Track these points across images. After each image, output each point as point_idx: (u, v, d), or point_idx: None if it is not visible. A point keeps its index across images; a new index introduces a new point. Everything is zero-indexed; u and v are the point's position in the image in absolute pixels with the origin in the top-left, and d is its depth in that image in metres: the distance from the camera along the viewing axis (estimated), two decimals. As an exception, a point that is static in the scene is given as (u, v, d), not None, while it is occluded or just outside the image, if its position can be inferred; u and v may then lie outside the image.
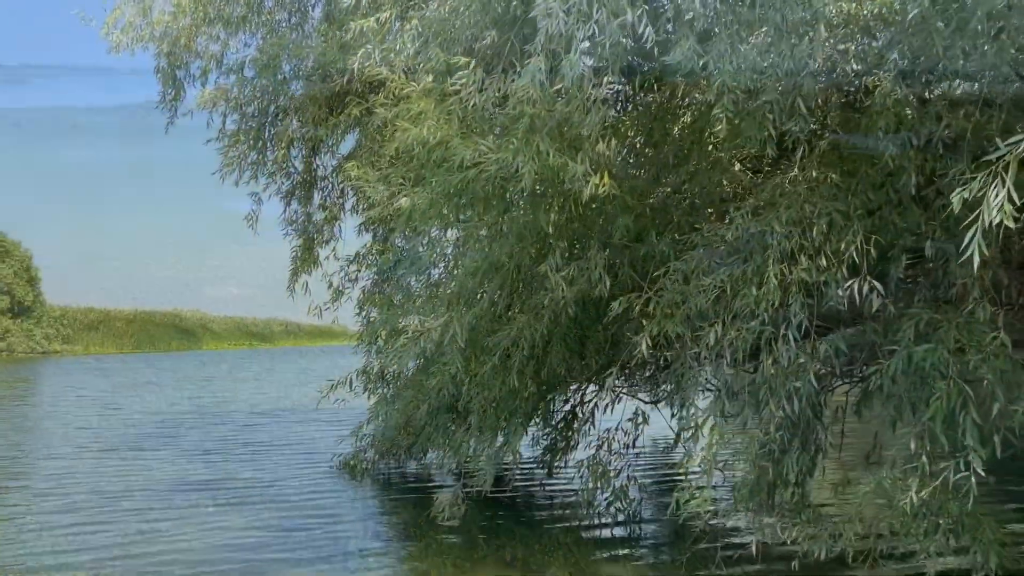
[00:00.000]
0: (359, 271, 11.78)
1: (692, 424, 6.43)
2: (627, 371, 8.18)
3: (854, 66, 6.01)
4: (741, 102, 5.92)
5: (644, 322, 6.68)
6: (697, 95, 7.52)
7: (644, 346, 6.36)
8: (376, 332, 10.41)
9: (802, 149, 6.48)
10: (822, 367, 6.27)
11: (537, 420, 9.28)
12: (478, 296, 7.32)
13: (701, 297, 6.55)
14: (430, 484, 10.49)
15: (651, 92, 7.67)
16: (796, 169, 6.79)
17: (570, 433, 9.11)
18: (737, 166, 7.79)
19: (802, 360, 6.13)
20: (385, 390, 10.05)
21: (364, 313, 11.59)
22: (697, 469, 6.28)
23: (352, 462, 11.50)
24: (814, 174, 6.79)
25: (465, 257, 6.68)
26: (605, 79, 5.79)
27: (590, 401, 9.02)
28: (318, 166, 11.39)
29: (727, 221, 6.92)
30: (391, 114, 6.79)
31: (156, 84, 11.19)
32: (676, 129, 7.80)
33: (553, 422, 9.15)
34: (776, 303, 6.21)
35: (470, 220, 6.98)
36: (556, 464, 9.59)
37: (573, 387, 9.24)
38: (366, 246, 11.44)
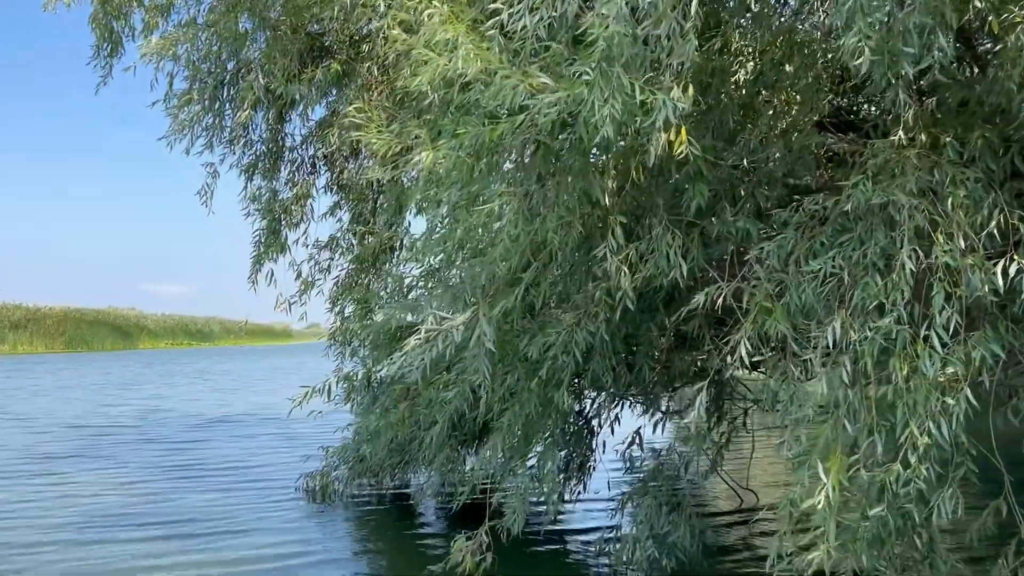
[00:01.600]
0: (332, 259, 10.10)
1: (799, 451, 4.95)
2: (685, 381, 6.70)
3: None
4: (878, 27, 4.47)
5: (724, 320, 5.21)
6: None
7: (743, 350, 4.85)
8: (358, 331, 8.77)
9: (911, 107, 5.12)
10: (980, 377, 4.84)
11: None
12: (511, 287, 5.75)
13: (806, 287, 5.11)
14: (425, 517, 8.86)
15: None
16: (913, 123, 5.38)
17: (586, 451, 7.55)
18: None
19: (952, 369, 4.69)
20: (369, 400, 8.37)
21: (338, 308, 9.90)
22: (804, 509, 4.79)
23: (323, 483, 9.81)
24: (923, 137, 5.40)
25: (499, 235, 5.11)
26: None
27: (608, 410, 7.48)
28: (286, 135, 9.66)
29: (820, 193, 5.45)
30: (401, 43, 5.17)
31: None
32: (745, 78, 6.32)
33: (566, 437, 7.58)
34: (908, 294, 4.82)
35: (507, 184, 5.38)
36: (572, 487, 8.03)
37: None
38: (342, 229, 9.76)
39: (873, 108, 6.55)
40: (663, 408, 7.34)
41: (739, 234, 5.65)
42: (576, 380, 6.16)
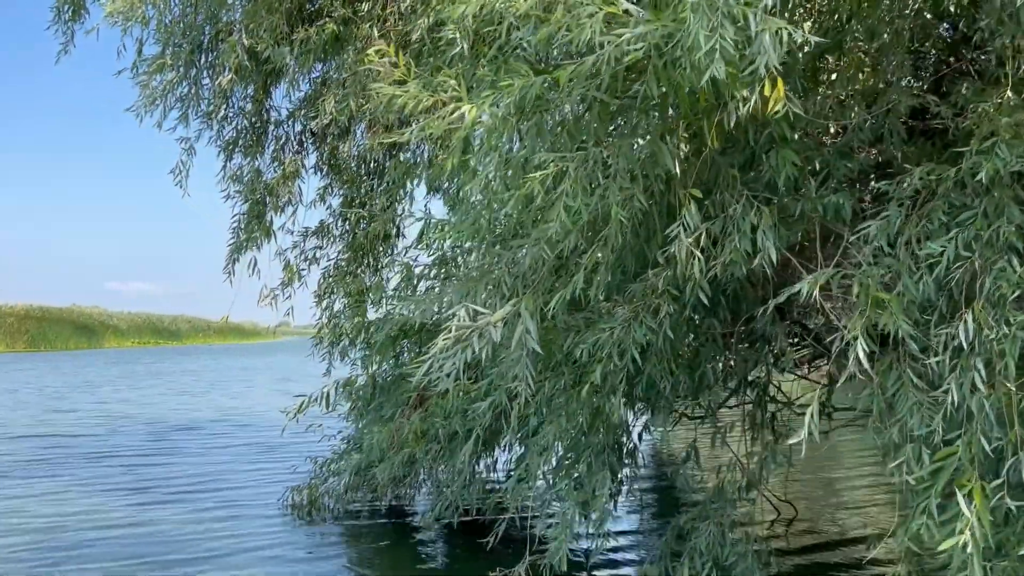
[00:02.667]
0: (320, 247, 9.07)
1: (923, 474, 4.04)
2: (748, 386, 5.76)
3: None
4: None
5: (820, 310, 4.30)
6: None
7: (861, 349, 3.92)
8: (349, 329, 7.75)
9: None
10: None
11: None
12: (557, 274, 4.79)
13: (924, 274, 4.23)
14: (426, 535, 7.85)
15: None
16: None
17: (633, 469, 6.58)
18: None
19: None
20: (375, 409, 7.35)
21: (326, 304, 8.88)
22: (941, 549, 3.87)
23: (312, 498, 8.77)
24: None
25: (552, 210, 4.13)
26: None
27: (665, 421, 6.53)
28: (271, 107, 8.60)
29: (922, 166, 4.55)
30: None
31: None
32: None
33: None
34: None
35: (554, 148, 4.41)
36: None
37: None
38: (333, 214, 8.72)
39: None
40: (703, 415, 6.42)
41: (829, 211, 4.73)
42: (629, 387, 5.19)
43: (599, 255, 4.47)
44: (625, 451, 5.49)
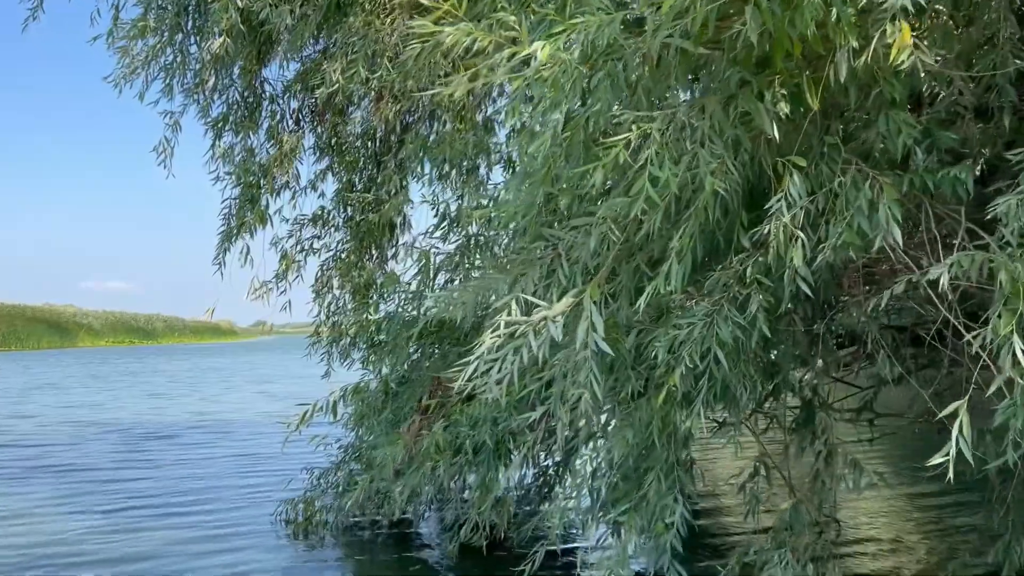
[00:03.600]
0: (318, 236, 8.24)
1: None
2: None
3: None
4: None
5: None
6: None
7: (1019, 349, 3.17)
8: (358, 327, 6.94)
9: None
10: None
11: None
12: (629, 259, 4.01)
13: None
14: (434, 554, 7.03)
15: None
16: None
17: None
18: None
19: None
20: (388, 418, 6.52)
21: (330, 299, 8.05)
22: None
23: (308, 513, 7.94)
24: None
25: (637, 179, 3.34)
26: None
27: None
28: (265, 79, 7.75)
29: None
30: None
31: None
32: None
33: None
34: None
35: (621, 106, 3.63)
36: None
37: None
38: (335, 198, 7.89)
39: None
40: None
41: (946, 186, 3.97)
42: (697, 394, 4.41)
43: (678, 238, 3.67)
44: (687, 468, 4.70)
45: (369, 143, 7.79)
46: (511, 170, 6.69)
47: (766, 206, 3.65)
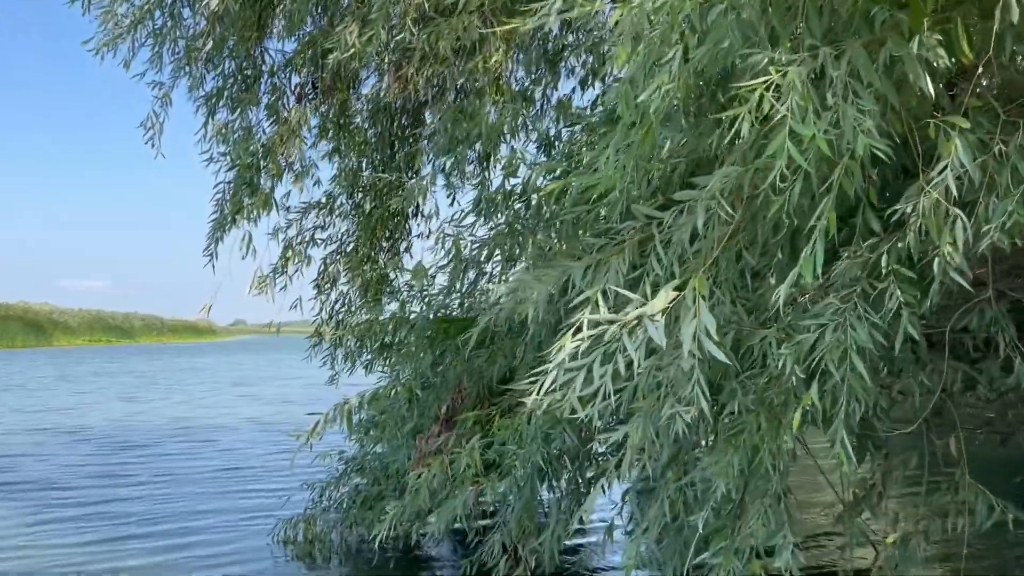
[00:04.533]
0: (322, 226, 7.44)
1: None
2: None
3: None
4: None
5: None
6: None
7: None
8: (370, 327, 6.16)
9: None
10: None
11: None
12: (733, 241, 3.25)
13: None
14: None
15: None
16: None
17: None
18: None
19: None
20: (408, 431, 5.72)
21: (336, 295, 7.27)
22: None
23: (308, 533, 7.15)
24: None
25: (775, 134, 2.60)
26: None
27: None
28: (265, 49, 6.92)
29: None
30: None
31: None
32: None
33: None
34: None
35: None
36: None
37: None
38: (343, 179, 7.08)
39: None
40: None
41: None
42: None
43: (817, 216, 2.91)
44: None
45: (384, 121, 6.98)
46: (546, 149, 5.93)
47: (922, 177, 2.90)
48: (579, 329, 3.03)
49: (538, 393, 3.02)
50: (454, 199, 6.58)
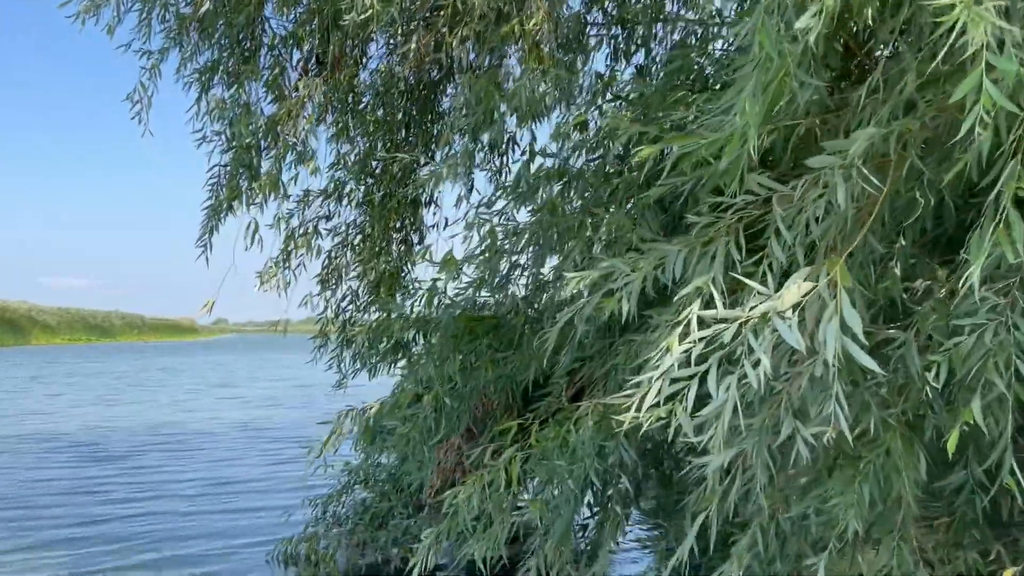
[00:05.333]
0: (327, 216, 6.79)
1: None
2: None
3: None
4: None
5: None
6: None
7: None
8: (384, 325, 5.54)
9: None
10: None
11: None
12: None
13: None
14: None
15: None
16: None
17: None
18: None
19: None
20: (431, 440, 5.06)
21: (344, 291, 6.63)
22: None
23: (310, 552, 6.51)
24: None
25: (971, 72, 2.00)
26: None
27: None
28: (265, 19, 6.25)
29: None
30: None
31: None
32: None
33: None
34: None
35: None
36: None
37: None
38: (349, 159, 6.43)
39: None
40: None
41: None
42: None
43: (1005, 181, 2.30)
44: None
45: (397, 98, 6.33)
46: (580, 130, 5.30)
47: None
48: (686, 328, 2.41)
49: (635, 407, 2.40)
50: (472, 187, 6.00)
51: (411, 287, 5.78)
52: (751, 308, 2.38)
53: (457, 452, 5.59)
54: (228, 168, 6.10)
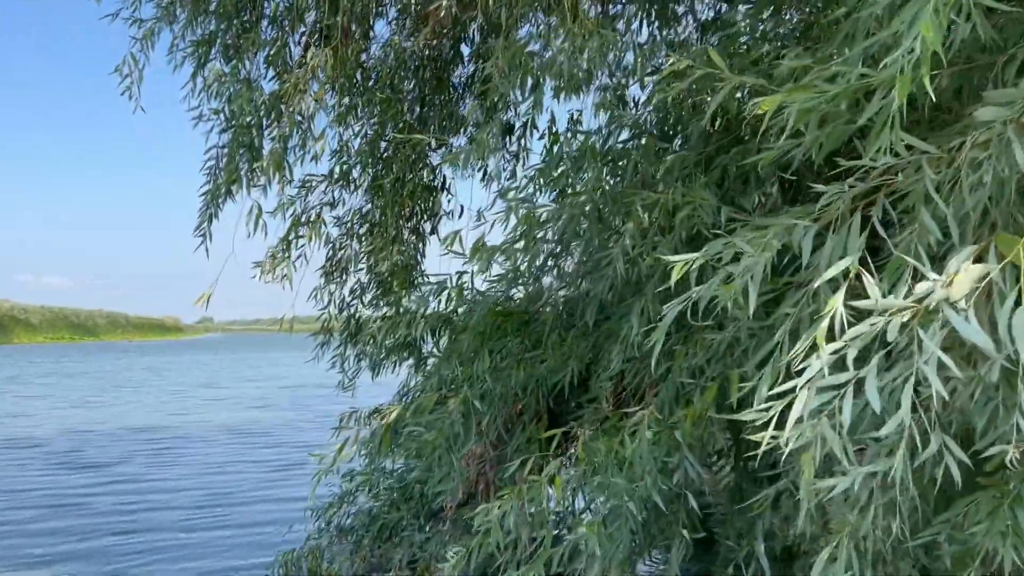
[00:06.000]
0: (330, 202, 6.27)
1: None
2: None
3: None
4: None
5: None
6: None
7: None
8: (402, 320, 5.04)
9: None
10: None
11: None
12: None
13: None
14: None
15: None
16: None
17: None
18: None
19: None
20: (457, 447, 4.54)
21: (346, 285, 6.12)
22: None
23: (313, 565, 6.01)
24: None
25: None
26: None
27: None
28: (269, -12, 5.71)
29: None
30: None
31: None
32: None
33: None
34: None
35: None
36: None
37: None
38: (360, 141, 5.91)
39: None
40: None
41: None
42: None
43: None
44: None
45: (412, 73, 5.81)
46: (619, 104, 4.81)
47: None
48: (826, 322, 1.92)
49: (764, 421, 1.90)
50: (485, 173, 5.51)
51: (424, 280, 5.29)
52: (914, 297, 1.89)
53: (479, 461, 5.10)
54: (227, 150, 5.58)
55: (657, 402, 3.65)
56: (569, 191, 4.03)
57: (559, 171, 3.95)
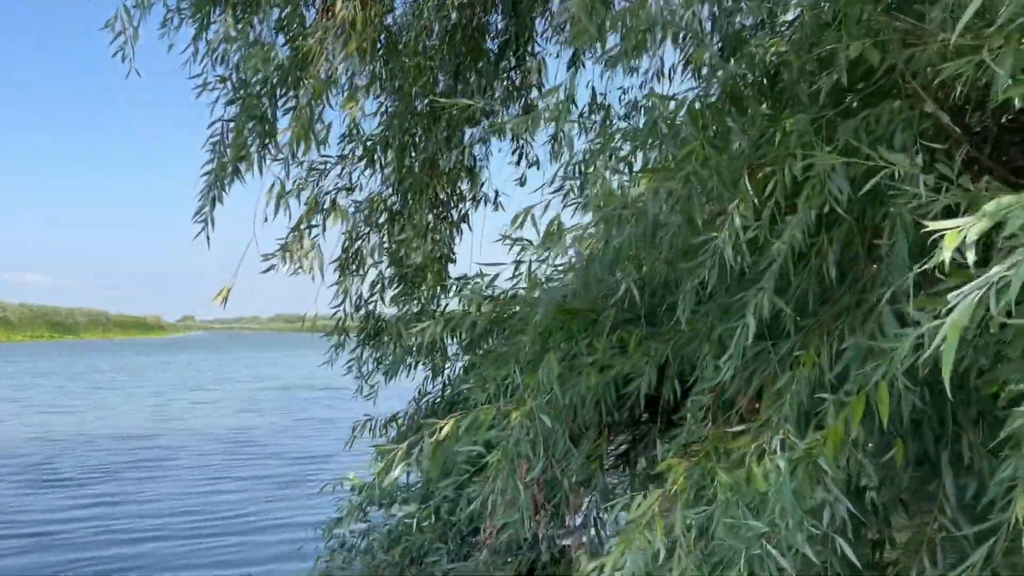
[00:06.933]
0: (348, 187, 5.58)
1: None
2: None
3: None
4: None
5: None
6: None
7: None
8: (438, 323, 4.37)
9: None
10: None
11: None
12: None
13: None
14: None
15: None
16: None
17: None
18: None
19: None
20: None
21: (367, 278, 5.44)
22: None
23: None
24: None
25: None
26: None
27: None
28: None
29: None
30: None
31: None
32: None
33: None
34: None
35: None
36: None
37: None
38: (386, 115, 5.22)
39: None
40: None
41: None
42: None
43: None
44: None
45: (447, 36, 5.09)
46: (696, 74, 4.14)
47: None
48: None
49: None
50: (520, 157, 4.82)
51: (479, 271, 4.59)
52: None
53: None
54: (234, 123, 4.85)
55: (779, 419, 2.98)
56: (661, 164, 3.34)
57: (654, 133, 3.24)
